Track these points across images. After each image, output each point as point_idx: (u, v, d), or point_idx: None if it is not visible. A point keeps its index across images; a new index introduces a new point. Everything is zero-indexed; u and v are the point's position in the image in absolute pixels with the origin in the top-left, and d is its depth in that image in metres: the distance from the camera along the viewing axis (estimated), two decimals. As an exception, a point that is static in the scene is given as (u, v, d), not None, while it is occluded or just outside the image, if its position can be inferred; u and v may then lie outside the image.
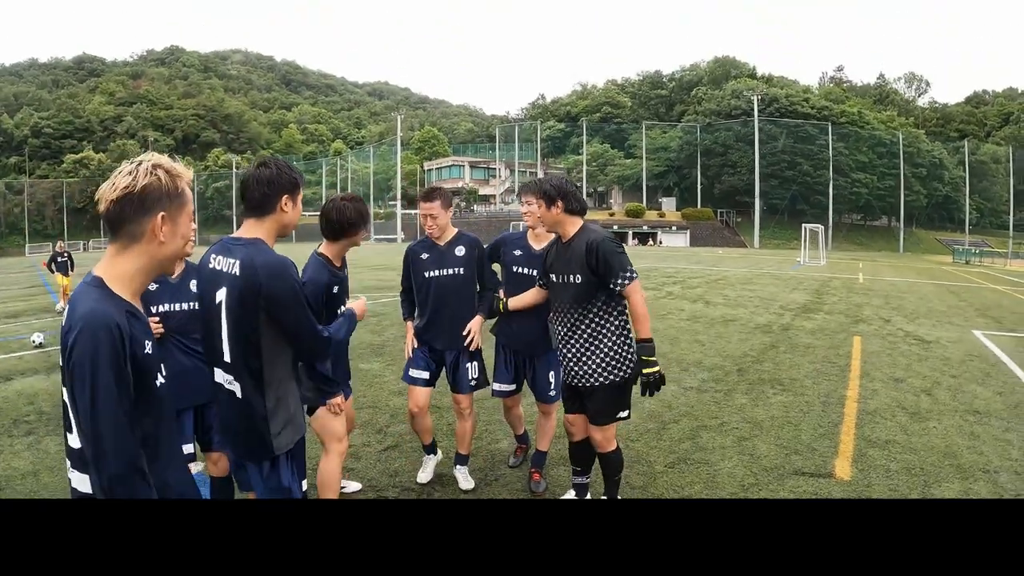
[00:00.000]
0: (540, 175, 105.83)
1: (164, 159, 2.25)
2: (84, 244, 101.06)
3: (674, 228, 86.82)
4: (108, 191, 2.16)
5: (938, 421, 7.72)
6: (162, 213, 2.19)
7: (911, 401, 8.57)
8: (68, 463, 2.24)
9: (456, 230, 5.71)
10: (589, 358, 4.67)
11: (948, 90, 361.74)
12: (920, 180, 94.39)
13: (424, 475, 6.01)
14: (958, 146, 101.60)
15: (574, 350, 4.73)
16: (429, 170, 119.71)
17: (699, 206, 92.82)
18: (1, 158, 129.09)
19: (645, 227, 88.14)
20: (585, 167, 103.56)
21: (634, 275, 4.52)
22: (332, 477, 4.75)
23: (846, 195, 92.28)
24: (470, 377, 5.67)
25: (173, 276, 4.66)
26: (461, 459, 5.94)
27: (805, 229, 48.57)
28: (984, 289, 27.11)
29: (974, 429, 7.43)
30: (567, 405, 5.05)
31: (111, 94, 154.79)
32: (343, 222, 4.59)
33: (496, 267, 5.94)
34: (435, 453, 6.12)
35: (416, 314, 5.78)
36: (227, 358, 3.22)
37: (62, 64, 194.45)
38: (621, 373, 4.66)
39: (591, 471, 5.27)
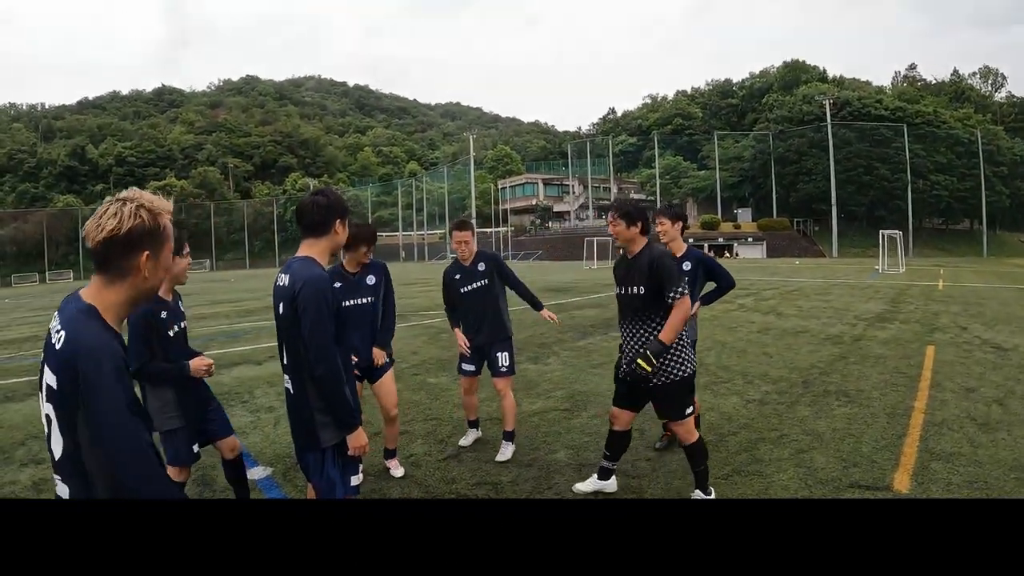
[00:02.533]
0: (614, 190, 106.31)
1: (146, 197, 2.33)
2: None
3: (750, 239, 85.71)
4: (94, 231, 2.24)
5: (1008, 432, 7.49)
6: (147, 252, 2.28)
7: (981, 412, 8.35)
8: (55, 472, 2.28)
9: (477, 250, 7.21)
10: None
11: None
12: (1001, 179, 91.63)
13: (465, 440, 7.63)
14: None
15: (637, 352, 5.26)
16: (503, 188, 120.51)
17: (775, 216, 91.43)
18: (88, 186, 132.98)
19: (721, 239, 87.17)
20: (658, 180, 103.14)
21: (684, 291, 5.16)
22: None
23: (926, 199, 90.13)
24: (500, 365, 7.12)
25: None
26: (507, 435, 7.19)
27: (883, 236, 47.48)
28: (1070, 292, 26.16)
29: (1046, 440, 7.20)
30: (618, 401, 5.65)
31: (191, 123, 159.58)
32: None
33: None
34: (476, 428, 7.78)
35: (461, 321, 7.32)
36: (284, 360, 3.84)
37: (143, 96, 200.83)
38: (682, 371, 5.31)
39: (618, 460, 5.90)
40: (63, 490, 2.24)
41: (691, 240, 78.38)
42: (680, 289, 5.12)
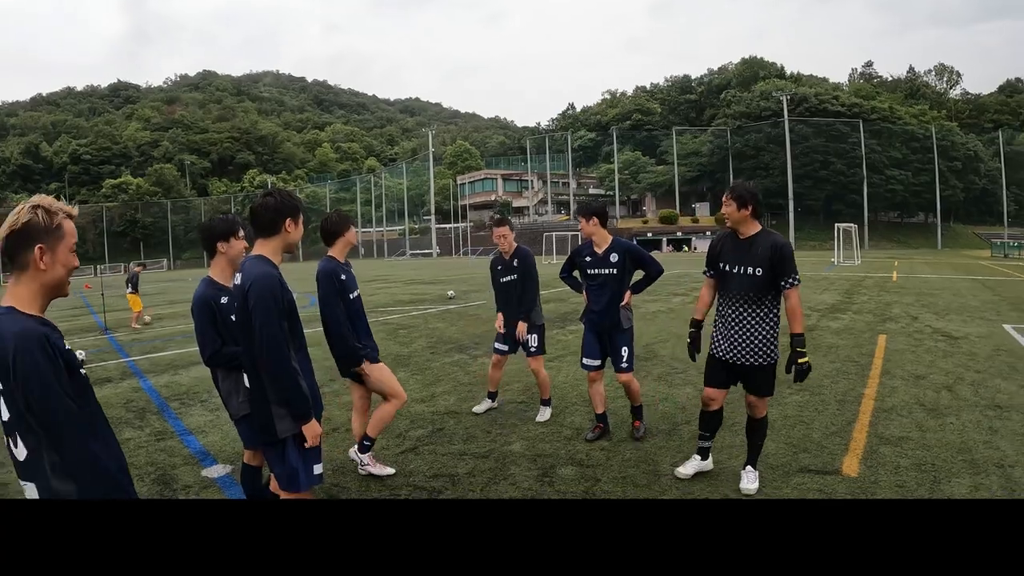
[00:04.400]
0: (573, 186, 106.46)
1: (46, 199, 2.60)
2: (124, 266, 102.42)
3: (708, 233, 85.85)
4: (1, 230, 2.52)
5: (956, 417, 7.62)
6: (39, 245, 2.52)
7: (930, 398, 8.48)
8: (21, 477, 2.56)
9: (516, 245, 8.02)
10: (752, 340, 5.54)
11: (980, 80, 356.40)
12: (956, 174, 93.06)
13: (479, 408, 8.51)
14: (993, 137, 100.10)
15: (740, 332, 5.60)
16: (462, 184, 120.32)
17: (765, 215, 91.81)
18: (42, 185, 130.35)
19: (679, 233, 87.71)
20: (617, 175, 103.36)
21: (799, 280, 5.49)
22: (384, 416, 6.29)
23: (881, 193, 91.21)
24: (531, 346, 7.96)
25: None
26: (544, 402, 8.25)
27: (838, 229, 48.01)
28: (1021, 283, 26.64)
29: (993, 424, 7.33)
30: (713, 380, 5.87)
31: (147, 120, 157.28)
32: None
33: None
34: (493, 400, 8.59)
35: (497, 305, 8.26)
36: (242, 355, 3.98)
37: (98, 92, 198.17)
38: (775, 356, 5.59)
39: (715, 436, 6.12)
40: (30, 491, 2.52)
41: (649, 234, 79.04)
42: (797, 277, 5.44)
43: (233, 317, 4.63)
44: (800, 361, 5.35)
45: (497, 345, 8.28)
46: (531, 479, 6.16)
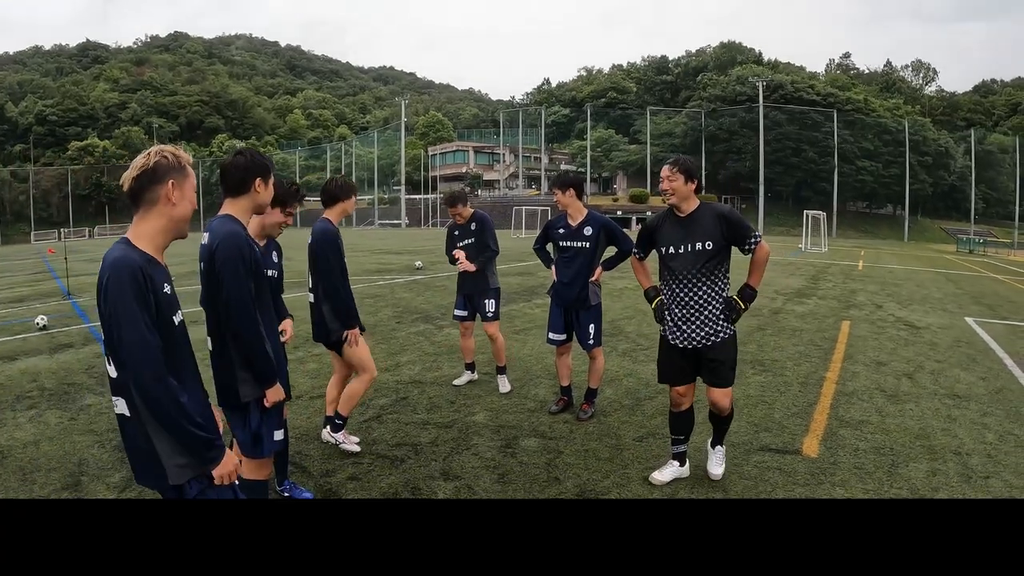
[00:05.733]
0: (545, 160, 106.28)
1: (169, 147, 2.89)
2: (89, 231, 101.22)
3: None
4: (129, 173, 2.78)
5: (915, 404, 7.73)
6: (171, 180, 2.80)
7: (891, 384, 8.58)
8: (112, 393, 2.82)
9: (472, 210, 8.09)
10: (708, 317, 5.24)
11: (956, 79, 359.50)
12: (926, 169, 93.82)
13: (460, 380, 8.54)
14: (965, 135, 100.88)
15: (694, 311, 5.27)
16: (433, 155, 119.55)
17: (703, 192, 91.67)
18: (6, 146, 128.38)
19: (649, 212, 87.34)
20: (589, 152, 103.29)
21: (760, 237, 5.28)
22: (353, 394, 6.13)
23: (851, 183, 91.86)
24: (488, 311, 8.04)
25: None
26: (500, 370, 8.34)
27: (807, 215, 48.31)
28: (983, 278, 26.96)
29: (951, 412, 7.44)
30: (678, 376, 5.47)
31: (115, 81, 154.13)
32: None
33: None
34: (472, 371, 8.64)
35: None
36: (206, 317, 3.84)
37: (66, 51, 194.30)
38: (731, 329, 5.31)
39: (689, 439, 5.70)
40: (121, 407, 2.77)
41: (619, 212, 79.17)
42: (758, 234, 5.24)
43: (270, 272, 4.74)
44: (735, 298, 5.27)
45: (457, 312, 8.34)
46: (494, 450, 6.19)
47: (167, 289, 2.80)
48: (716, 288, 5.25)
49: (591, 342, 6.98)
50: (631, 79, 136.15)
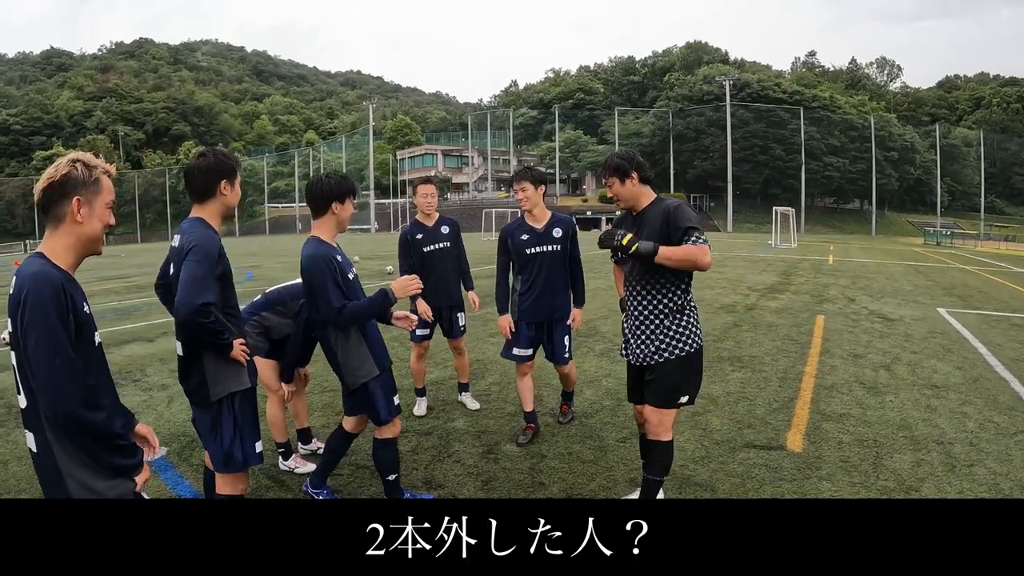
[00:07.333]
0: (514, 163, 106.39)
1: (85, 155, 2.70)
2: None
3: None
4: (39, 184, 2.64)
5: (895, 395, 7.76)
6: (77, 197, 2.63)
7: (869, 376, 8.62)
8: (23, 424, 2.66)
9: (439, 215, 7.19)
10: (654, 332, 4.49)
11: (920, 75, 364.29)
12: (892, 164, 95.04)
13: (419, 410, 7.38)
14: (929, 130, 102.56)
15: (642, 325, 4.55)
16: (402, 159, 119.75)
17: (672, 191, 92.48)
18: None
19: (618, 212, 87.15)
20: (558, 154, 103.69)
21: (705, 241, 4.20)
22: (271, 419, 5.83)
23: (818, 179, 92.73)
24: (460, 324, 7.28)
25: None
26: (463, 387, 7.70)
27: (776, 212, 48.70)
28: (952, 269, 27.28)
29: (931, 402, 7.48)
30: (633, 395, 4.83)
31: (80, 88, 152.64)
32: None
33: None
34: (425, 395, 7.57)
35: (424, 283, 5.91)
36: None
37: (30, 59, 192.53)
38: (686, 348, 4.44)
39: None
40: (30, 440, 2.62)
41: (588, 213, 79.44)
42: (702, 238, 4.20)
43: (350, 275, 4.52)
44: (624, 242, 4.27)
45: (419, 331, 7.07)
46: (476, 456, 6.08)
47: (87, 309, 2.71)
48: (662, 298, 4.50)
49: (567, 355, 6.40)
50: (599, 80, 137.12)
